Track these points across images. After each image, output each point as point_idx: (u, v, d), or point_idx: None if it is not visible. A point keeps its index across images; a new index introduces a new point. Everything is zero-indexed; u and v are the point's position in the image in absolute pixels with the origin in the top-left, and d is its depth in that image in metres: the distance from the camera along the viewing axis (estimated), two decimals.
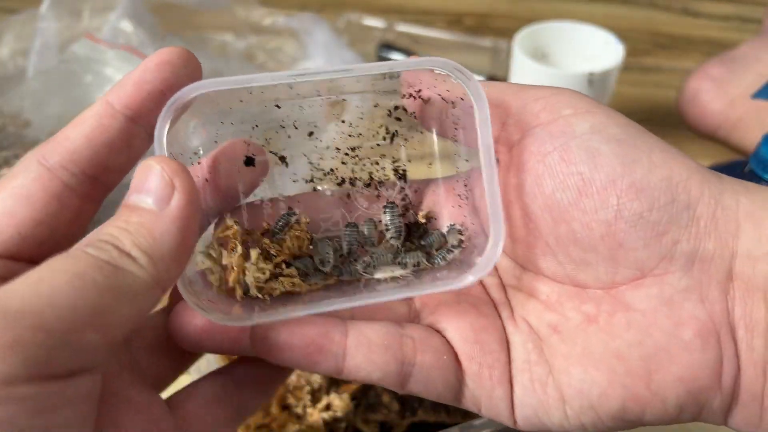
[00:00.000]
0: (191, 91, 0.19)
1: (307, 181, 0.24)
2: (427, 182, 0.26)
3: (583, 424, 0.21)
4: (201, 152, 0.22)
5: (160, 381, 0.23)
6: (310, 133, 0.23)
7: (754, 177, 0.41)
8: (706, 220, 0.20)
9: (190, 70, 0.20)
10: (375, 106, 0.23)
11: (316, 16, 0.64)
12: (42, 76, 0.53)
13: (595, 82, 0.52)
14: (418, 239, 0.24)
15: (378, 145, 0.24)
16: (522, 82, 0.55)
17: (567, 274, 0.22)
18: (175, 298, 0.22)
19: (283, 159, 0.23)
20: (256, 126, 0.23)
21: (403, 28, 0.81)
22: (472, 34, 0.82)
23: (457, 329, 0.22)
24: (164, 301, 0.23)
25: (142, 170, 0.18)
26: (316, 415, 0.37)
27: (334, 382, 0.40)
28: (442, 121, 0.24)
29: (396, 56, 0.74)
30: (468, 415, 0.38)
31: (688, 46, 0.82)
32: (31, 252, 0.18)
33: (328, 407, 0.38)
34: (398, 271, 0.23)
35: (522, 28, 0.56)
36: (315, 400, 0.38)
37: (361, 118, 0.23)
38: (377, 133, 0.24)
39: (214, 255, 0.22)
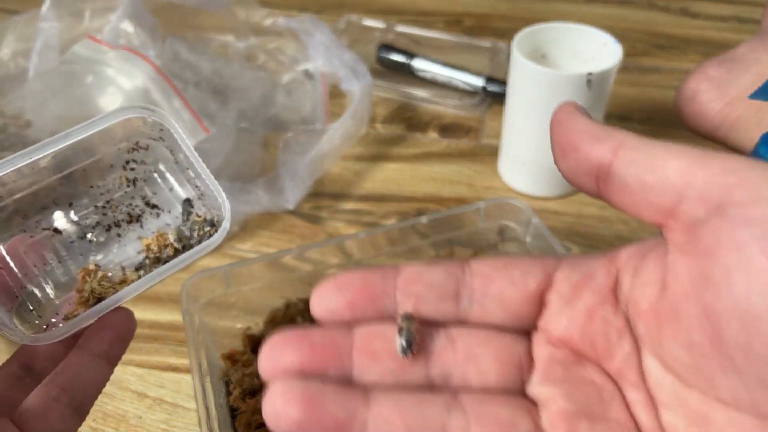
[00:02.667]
0: None
1: (81, 238, 0.31)
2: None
3: None
4: None
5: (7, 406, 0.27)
6: (70, 204, 0.31)
7: None
8: None
9: None
10: (111, 166, 0.31)
11: (316, 17, 0.64)
12: (43, 76, 0.54)
13: (594, 83, 0.52)
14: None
15: (126, 192, 0.32)
16: (521, 83, 0.55)
17: (755, 403, 0.17)
18: None
19: (56, 231, 0.31)
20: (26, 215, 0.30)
21: (403, 29, 0.81)
22: (471, 35, 0.83)
23: None
24: None
25: None
26: None
27: None
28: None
29: (396, 57, 0.74)
30: None
31: (686, 46, 0.82)
32: None
33: None
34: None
35: (521, 29, 0.56)
36: None
37: (104, 180, 0.31)
38: (121, 185, 0.31)
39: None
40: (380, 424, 0.19)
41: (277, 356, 0.19)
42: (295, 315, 0.44)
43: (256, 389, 0.39)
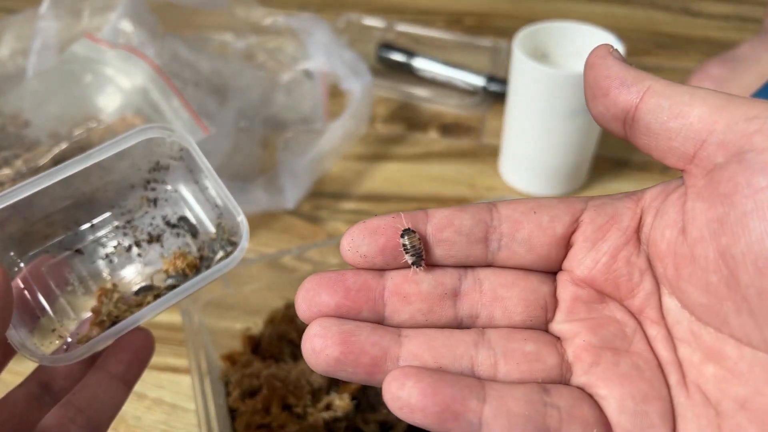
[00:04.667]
0: None
1: (101, 258, 0.31)
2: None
3: None
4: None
5: None
6: (92, 225, 0.31)
7: None
8: None
9: None
10: (132, 186, 0.31)
11: (316, 15, 0.64)
12: (42, 76, 0.53)
13: None
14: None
15: (147, 212, 0.32)
16: (522, 82, 0.55)
17: (767, 340, 0.18)
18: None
19: (78, 251, 0.31)
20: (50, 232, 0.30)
21: (403, 27, 0.81)
22: (471, 33, 0.82)
23: (615, 398, 0.19)
24: None
25: None
26: (316, 415, 0.37)
27: (334, 382, 0.40)
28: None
29: (396, 56, 0.74)
30: None
31: (688, 45, 0.82)
32: None
33: (328, 407, 0.38)
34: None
35: (522, 28, 0.56)
36: (315, 399, 0.38)
37: (125, 200, 0.31)
38: (142, 205, 0.32)
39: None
40: (411, 360, 0.20)
41: (313, 298, 0.21)
42: (294, 315, 0.44)
43: (255, 390, 0.39)
